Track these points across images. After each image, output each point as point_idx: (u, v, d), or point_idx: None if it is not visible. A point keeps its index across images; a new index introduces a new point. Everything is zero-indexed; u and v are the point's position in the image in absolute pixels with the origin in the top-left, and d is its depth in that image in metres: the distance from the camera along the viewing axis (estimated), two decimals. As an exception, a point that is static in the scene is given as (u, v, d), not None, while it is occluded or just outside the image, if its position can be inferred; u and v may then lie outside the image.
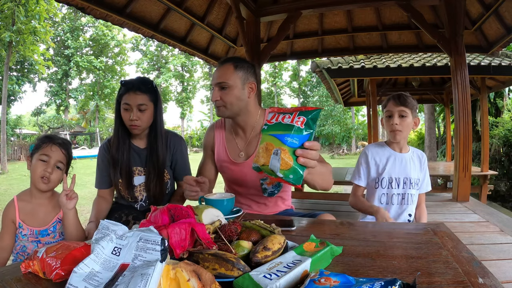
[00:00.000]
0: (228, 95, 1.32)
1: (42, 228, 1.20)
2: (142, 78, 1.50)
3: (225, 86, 1.32)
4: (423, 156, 1.64)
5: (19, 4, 12.46)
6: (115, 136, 1.48)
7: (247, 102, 1.37)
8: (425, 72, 5.14)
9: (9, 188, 8.17)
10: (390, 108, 1.54)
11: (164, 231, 0.72)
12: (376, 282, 0.54)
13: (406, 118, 1.52)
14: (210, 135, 1.52)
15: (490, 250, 1.76)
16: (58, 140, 1.25)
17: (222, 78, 1.32)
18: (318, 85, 27.62)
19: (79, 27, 26.14)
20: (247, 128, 1.42)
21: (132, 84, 1.43)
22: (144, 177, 1.52)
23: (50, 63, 19.96)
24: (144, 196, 1.53)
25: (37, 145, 1.23)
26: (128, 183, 1.48)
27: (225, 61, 1.37)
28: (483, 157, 5.39)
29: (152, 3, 3.29)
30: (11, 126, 20.37)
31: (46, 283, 0.68)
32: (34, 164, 1.20)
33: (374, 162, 1.61)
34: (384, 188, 1.58)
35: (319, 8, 3.39)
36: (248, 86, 1.36)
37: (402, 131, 1.53)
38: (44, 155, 1.20)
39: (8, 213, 1.20)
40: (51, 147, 1.21)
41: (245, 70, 1.35)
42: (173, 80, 29.79)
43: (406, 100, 1.51)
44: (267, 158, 0.79)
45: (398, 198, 1.56)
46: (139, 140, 1.54)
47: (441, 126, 12.24)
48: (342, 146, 25.29)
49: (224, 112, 1.36)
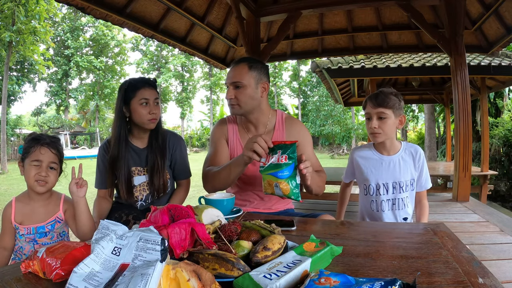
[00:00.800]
0: (242, 94, 1.37)
1: (39, 225, 1.20)
2: (146, 77, 1.56)
3: (239, 85, 1.37)
4: (417, 152, 1.48)
5: (19, 4, 12.46)
6: (115, 136, 1.49)
7: (259, 101, 1.42)
8: (425, 72, 5.14)
9: (9, 188, 8.16)
10: (368, 110, 1.44)
11: (164, 231, 0.72)
12: (376, 282, 0.54)
13: (386, 120, 1.40)
14: (223, 128, 1.52)
15: (490, 250, 1.76)
16: (45, 141, 1.20)
17: (237, 77, 1.37)
18: (318, 85, 27.60)
19: (79, 27, 26.12)
20: (259, 125, 1.47)
21: (145, 80, 1.49)
22: (145, 176, 1.53)
23: (50, 63, 19.96)
24: (144, 196, 1.53)
25: (26, 149, 1.19)
26: (128, 184, 1.49)
27: (240, 61, 1.42)
28: (483, 157, 5.39)
29: (152, 3, 3.29)
30: (11, 126, 20.36)
31: (46, 283, 0.68)
32: (27, 169, 1.18)
33: (360, 167, 1.53)
34: (372, 195, 1.50)
35: (319, 8, 3.38)
36: (261, 86, 1.41)
37: (382, 133, 1.42)
38: (36, 160, 1.17)
39: (6, 214, 1.20)
40: (40, 150, 1.18)
41: (259, 70, 1.40)
42: (173, 80, 29.77)
43: (385, 100, 1.39)
44: (272, 189, 1.08)
45: (388, 204, 1.47)
46: (138, 140, 1.55)
47: (441, 126, 12.24)
48: (342, 146, 25.26)
49: (238, 110, 1.41)
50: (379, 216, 1.49)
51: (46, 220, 1.21)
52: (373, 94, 1.46)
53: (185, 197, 1.65)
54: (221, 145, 1.49)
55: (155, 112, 1.46)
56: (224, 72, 29.64)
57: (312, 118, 26.30)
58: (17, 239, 1.21)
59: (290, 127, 1.48)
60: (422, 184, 1.51)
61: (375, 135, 1.44)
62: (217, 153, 1.48)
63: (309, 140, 1.50)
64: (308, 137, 1.50)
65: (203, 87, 31.44)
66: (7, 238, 1.20)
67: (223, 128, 1.52)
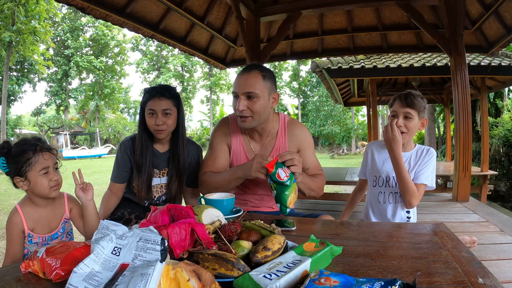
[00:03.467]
0: (256, 105, 1.29)
1: (53, 233, 1.19)
2: (166, 85, 1.55)
3: (253, 96, 1.28)
4: (428, 151, 1.52)
5: (19, 4, 12.47)
6: (139, 141, 1.52)
7: (270, 112, 1.38)
8: (425, 72, 5.14)
9: (9, 188, 8.22)
10: (396, 109, 1.49)
11: (164, 231, 0.72)
12: (376, 282, 0.54)
13: (411, 120, 1.46)
14: (225, 132, 1.47)
15: (490, 250, 1.75)
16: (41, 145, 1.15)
17: (251, 87, 1.28)
18: (318, 85, 27.60)
19: (79, 27, 26.13)
20: (264, 134, 1.45)
21: (156, 90, 1.48)
22: (159, 179, 1.57)
23: (50, 63, 20.00)
24: (156, 197, 1.58)
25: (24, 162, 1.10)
26: (148, 185, 1.53)
27: (251, 68, 1.33)
28: (483, 157, 5.39)
29: (152, 3, 3.29)
30: (11, 126, 20.38)
31: (46, 283, 0.68)
32: (38, 181, 1.12)
33: (374, 159, 1.61)
34: (381, 186, 1.56)
35: (319, 8, 3.38)
36: (272, 97, 1.36)
37: (407, 133, 1.47)
38: (44, 168, 1.12)
39: (16, 224, 1.13)
40: (43, 156, 1.13)
41: (271, 80, 1.35)
42: (173, 80, 29.75)
43: (413, 101, 1.44)
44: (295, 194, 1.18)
45: (395, 197, 1.54)
46: (160, 145, 1.58)
47: (441, 126, 12.25)
48: (342, 146, 25.25)
49: (251, 123, 1.33)
50: (384, 208, 1.54)
51: (57, 225, 1.20)
52: (402, 94, 1.49)
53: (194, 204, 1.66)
54: (221, 150, 1.45)
55: (161, 123, 1.45)
56: (224, 72, 29.69)
57: (312, 118, 26.30)
58: (26, 245, 1.16)
59: (292, 131, 1.46)
60: (421, 176, 1.47)
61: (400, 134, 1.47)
62: (216, 158, 1.44)
63: (311, 143, 1.49)
64: (310, 141, 1.49)
65: (203, 87, 31.45)
66: (17, 248, 1.14)
67: (225, 132, 1.47)
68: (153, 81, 29.55)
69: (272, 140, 1.45)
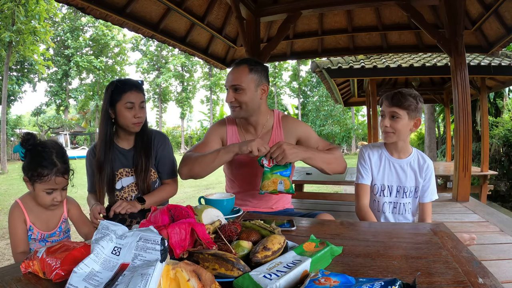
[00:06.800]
0: (242, 96, 1.37)
1: (51, 232, 1.22)
2: (133, 79, 1.53)
3: (238, 88, 1.37)
4: (425, 163, 1.45)
5: (19, 4, 12.45)
6: (101, 139, 1.48)
7: (259, 103, 1.43)
8: (425, 72, 5.14)
9: (9, 188, 8.15)
10: (383, 108, 1.44)
11: (164, 231, 0.72)
12: (376, 282, 0.54)
13: (399, 120, 1.39)
14: (222, 129, 1.52)
15: (490, 250, 1.75)
16: (60, 170, 1.14)
17: (236, 80, 1.37)
18: (318, 85, 27.59)
19: (79, 27, 26.10)
20: (258, 127, 1.49)
21: (132, 83, 1.48)
22: (132, 177, 1.53)
23: (50, 63, 19.95)
24: (132, 196, 1.54)
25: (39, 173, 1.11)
26: (110, 185, 1.49)
27: (240, 62, 1.41)
28: (483, 157, 5.39)
29: (152, 3, 3.29)
30: (11, 126, 20.37)
31: (46, 283, 0.68)
32: (40, 195, 1.14)
33: (369, 164, 1.51)
34: (375, 194, 1.50)
35: (319, 8, 3.38)
36: (260, 88, 1.41)
37: (395, 134, 1.41)
38: (50, 189, 1.14)
39: (18, 215, 1.16)
40: (56, 180, 1.13)
41: (259, 73, 1.39)
42: (173, 80, 29.73)
43: (401, 100, 1.37)
44: (274, 186, 1.24)
45: (389, 207, 1.47)
46: (124, 141, 1.55)
47: (441, 126, 12.23)
48: (342, 146, 25.26)
49: (239, 113, 1.41)
50: (378, 217, 1.50)
51: (56, 224, 1.23)
52: (389, 93, 1.44)
53: (171, 194, 1.57)
54: (213, 142, 1.49)
55: (140, 116, 1.45)
56: (224, 72, 29.65)
57: (312, 118, 26.30)
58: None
59: (287, 125, 1.50)
60: (428, 195, 1.46)
61: (387, 134, 1.43)
62: (207, 145, 1.46)
63: (308, 129, 1.52)
64: (306, 128, 1.52)
65: (203, 87, 31.42)
66: (23, 241, 1.16)
67: (221, 129, 1.53)
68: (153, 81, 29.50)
69: (267, 134, 1.49)
